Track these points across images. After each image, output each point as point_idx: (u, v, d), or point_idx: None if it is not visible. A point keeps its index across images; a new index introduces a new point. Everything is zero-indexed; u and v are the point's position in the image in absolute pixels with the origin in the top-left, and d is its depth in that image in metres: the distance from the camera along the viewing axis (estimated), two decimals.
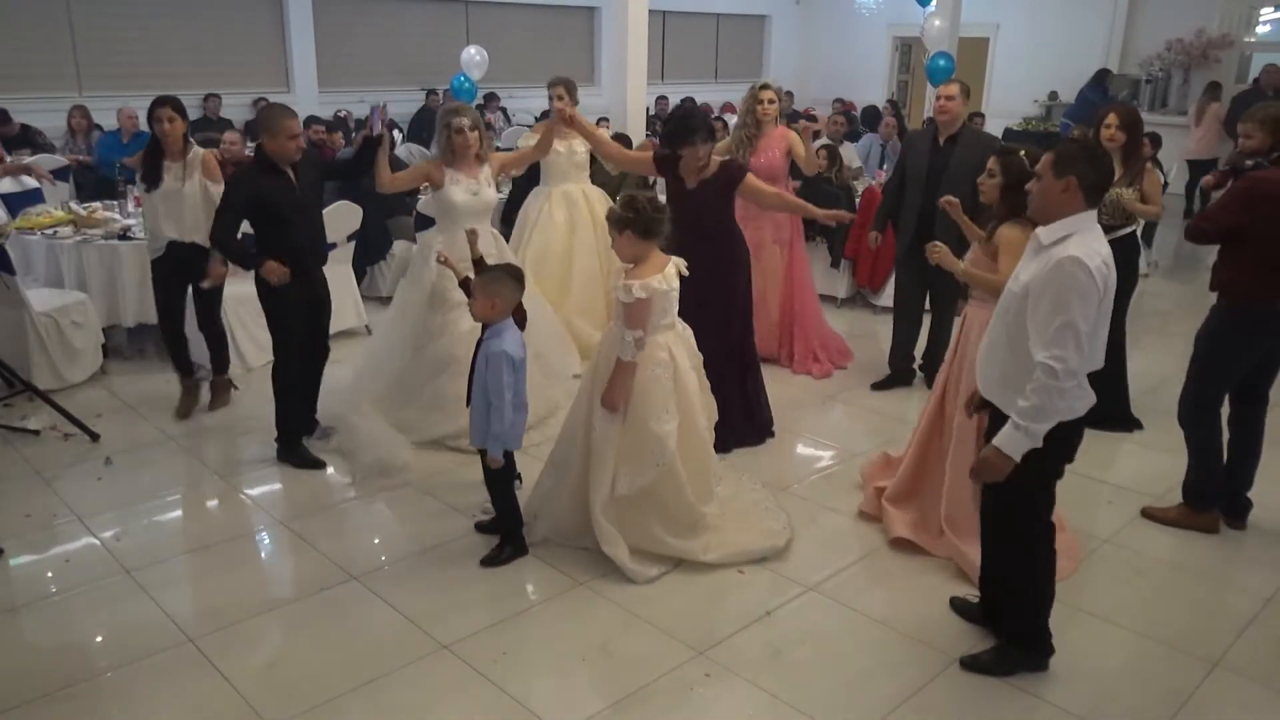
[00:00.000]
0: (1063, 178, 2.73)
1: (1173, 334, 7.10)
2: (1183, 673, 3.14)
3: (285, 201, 4.27)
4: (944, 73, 9.48)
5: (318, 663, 3.14)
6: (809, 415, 5.23)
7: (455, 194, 4.68)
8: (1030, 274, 2.75)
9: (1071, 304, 2.62)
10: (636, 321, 3.45)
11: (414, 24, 12.56)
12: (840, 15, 15.80)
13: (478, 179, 4.73)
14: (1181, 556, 3.89)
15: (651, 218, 3.48)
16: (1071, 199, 2.74)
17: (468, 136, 4.66)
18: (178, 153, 4.84)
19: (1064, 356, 2.63)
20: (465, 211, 4.69)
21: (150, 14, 10.48)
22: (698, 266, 4.43)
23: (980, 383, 3.00)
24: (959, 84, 5.18)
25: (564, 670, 3.13)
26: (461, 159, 4.70)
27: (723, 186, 4.52)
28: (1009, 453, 2.73)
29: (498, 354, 3.45)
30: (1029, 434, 2.70)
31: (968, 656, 3.15)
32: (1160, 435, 4.93)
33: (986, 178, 3.71)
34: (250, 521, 4.11)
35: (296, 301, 4.37)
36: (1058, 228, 2.73)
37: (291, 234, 4.30)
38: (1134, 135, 4.64)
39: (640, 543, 3.66)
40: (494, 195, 4.87)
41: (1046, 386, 2.65)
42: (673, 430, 3.56)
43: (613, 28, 8.46)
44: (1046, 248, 2.74)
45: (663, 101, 12.99)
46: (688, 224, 4.45)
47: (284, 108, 4.33)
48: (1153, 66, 12.64)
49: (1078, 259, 2.63)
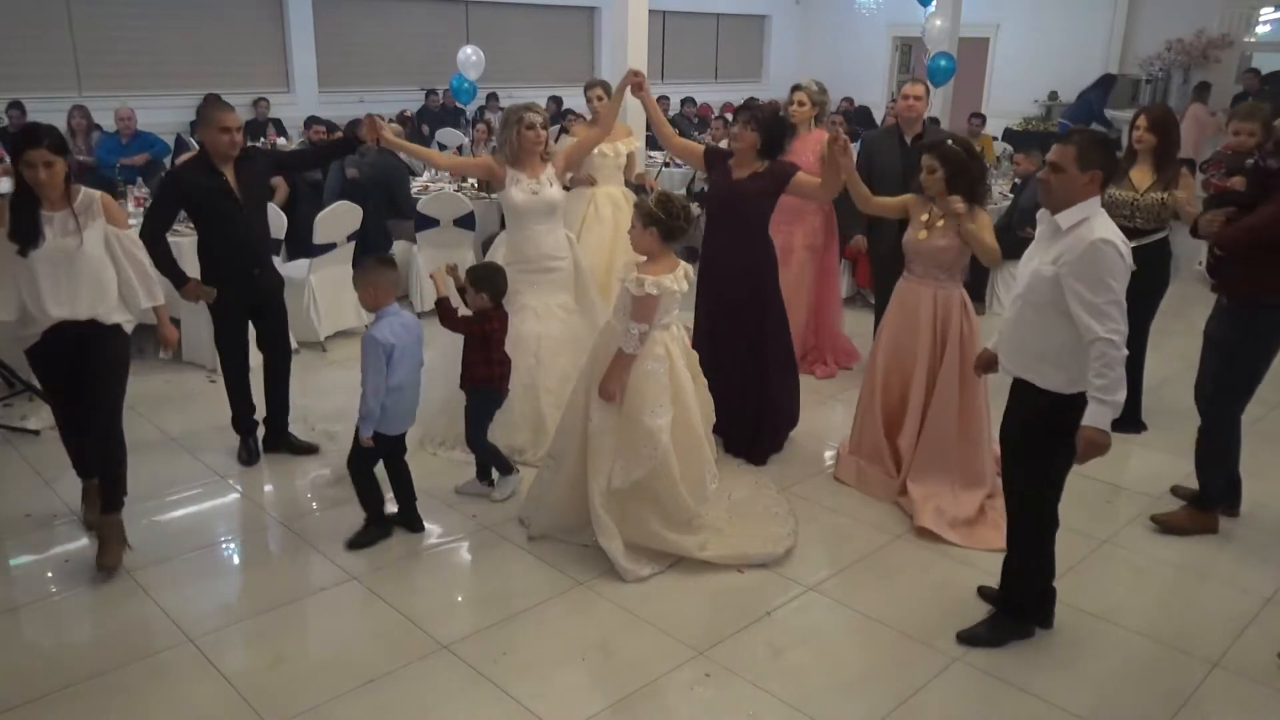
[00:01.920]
0: (1088, 171, 2.88)
1: (1173, 333, 7.10)
2: (1183, 673, 3.15)
3: (217, 201, 4.15)
4: (945, 73, 9.49)
5: (318, 663, 3.14)
6: (809, 415, 5.22)
7: (515, 194, 4.54)
8: (1055, 256, 2.88)
9: (1112, 282, 2.81)
10: (643, 316, 3.50)
11: (414, 24, 12.56)
12: (840, 15, 15.79)
13: (539, 178, 4.58)
14: (1181, 556, 3.89)
15: (679, 226, 3.58)
16: (1092, 189, 2.91)
17: (539, 133, 4.53)
18: (58, 199, 3.47)
19: (1118, 329, 2.82)
20: (527, 211, 4.56)
21: (150, 14, 10.49)
22: (728, 262, 4.44)
23: (1009, 360, 3.15)
24: (924, 84, 5.36)
25: (564, 670, 3.13)
26: (528, 157, 4.57)
27: (772, 182, 4.39)
28: (1104, 426, 2.87)
29: (368, 339, 3.64)
30: (1114, 406, 2.86)
31: (964, 630, 3.25)
32: (1160, 435, 4.94)
33: (927, 175, 3.98)
34: (250, 521, 4.11)
35: (235, 303, 4.35)
36: (1074, 213, 2.89)
37: (225, 234, 4.22)
38: (1166, 137, 4.49)
39: (637, 537, 3.67)
40: (557, 194, 4.66)
41: (1114, 358, 2.82)
42: (666, 425, 3.58)
43: (613, 28, 8.46)
44: (1066, 232, 2.88)
45: (663, 101, 12.99)
46: (725, 217, 4.47)
47: (218, 99, 4.31)
48: (1153, 67, 12.64)
49: (1110, 240, 2.81)
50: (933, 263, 4.10)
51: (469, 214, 6.90)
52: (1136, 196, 4.51)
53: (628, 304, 3.54)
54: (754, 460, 4.60)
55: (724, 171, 4.49)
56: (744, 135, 4.34)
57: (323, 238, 6.03)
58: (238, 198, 4.19)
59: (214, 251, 4.28)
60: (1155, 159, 4.51)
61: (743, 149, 4.38)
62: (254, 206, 4.34)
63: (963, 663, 3.17)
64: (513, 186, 4.56)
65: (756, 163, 4.38)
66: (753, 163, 4.39)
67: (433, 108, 11.91)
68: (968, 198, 3.95)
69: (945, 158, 3.93)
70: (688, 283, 3.65)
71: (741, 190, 4.40)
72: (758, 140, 4.32)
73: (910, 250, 4.15)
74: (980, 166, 4.05)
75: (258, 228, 4.39)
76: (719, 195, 4.50)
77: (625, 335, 3.51)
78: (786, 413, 4.78)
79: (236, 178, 4.19)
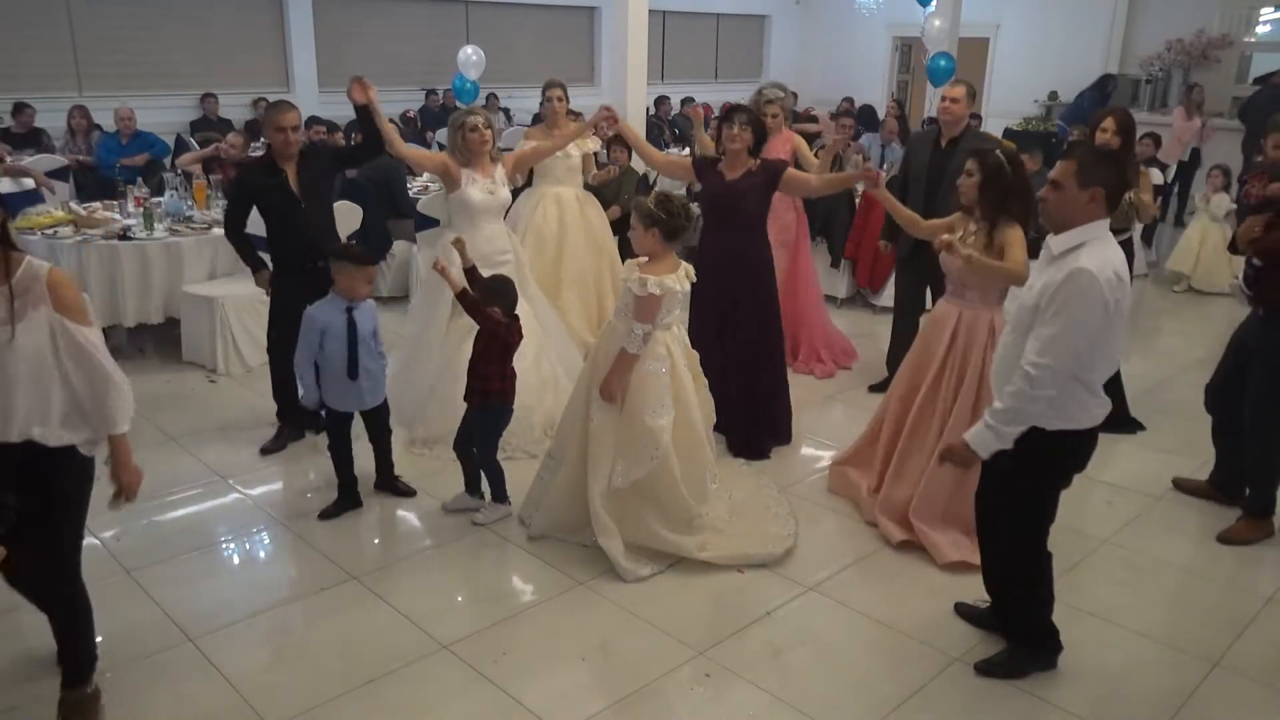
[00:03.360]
0: (1088, 188, 2.69)
1: (1169, 334, 7.12)
2: (1183, 673, 3.15)
3: (277, 199, 4.43)
4: (945, 73, 9.47)
5: (318, 663, 3.14)
6: (810, 415, 5.23)
7: (473, 194, 4.71)
8: (1041, 285, 2.73)
9: (1073, 316, 2.62)
10: (646, 315, 3.51)
11: (414, 24, 12.55)
12: (840, 15, 15.78)
13: (493, 178, 4.77)
14: (1182, 556, 3.89)
15: (680, 224, 3.59)
16: (1095, 209, 2.71)
17: (482, 134, 4.67)
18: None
19: (1046, 365, 2.65)
20: (483, 210, 4.74)
21: (150, 14, 10.47)
22: (728, 261, 4.49)
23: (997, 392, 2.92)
24: (965, 85, 5.10)
25: (564, 670, 3.13)
26: (477, 158, 4.72)
27: (765, 178, 4.53)
28: (975, 448, 2.79)
29: (306, 313, 3.95)
30: (998, 435, 2.75)
31: (982, 662, 3.14)
32: (1158, 436, 4.94)
33: (965, 178, 3.75)
34: (250, 521, 4.11)
35: (294, 294, 4.39)
36: (1070, 237, 2.71)
37: (287, 230, 4.47)
38: (1128, 139, 4.66)
39: (636, 537, 3.67)
40: (507, 195, 4.89)
41: (1020, 391, 2.68)
42: (667, 424, 3.59)
43: (613, 28, 8.47)
44: (1058, 258, 2.72)
45: (663, 102, 12.98)
46: (720, 219, 4.55)
47: (282, 101, 4.51)
48: (1153, 67, 12.63)
49: (1089, 271, 2.61)
50: (958, 281, 3.83)
51: None
52: None
53: (630, 304, 3.55)
54: (754, 456, 4.63)
55: (716, 175, 4.59)
56: (741, 136, 4.47)
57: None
58: (297, 195, 4.44)
59: (279, 245, 4.55)
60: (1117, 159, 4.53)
61: (738, 149, 4.49)
62: (315, 202, 4.55)
63: (963, 663, 3.17)
64: (469, 186, 4.71)
65: (749, 161, 4.52)
66: (745, 162, 4.52)
67: (433, 108, 11.90)
68: (995, 209, 3.66)
69: (984, 163, 3.69)
70: (690, 282, 3.66)
71: (739, 189, 4.52)
72: (751, 140, 4.49)
73: (944, 268, 3.89)
74: (1019, 181, 3.65)
75: (319, 222, 4.57)
76: (716, 197, 4.57)
77: (628, 335, 3.52)
78: (784, 407, 4.87)
79: (298, 175, 4.44)
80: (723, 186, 4.55)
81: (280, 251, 4.56)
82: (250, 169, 4.63)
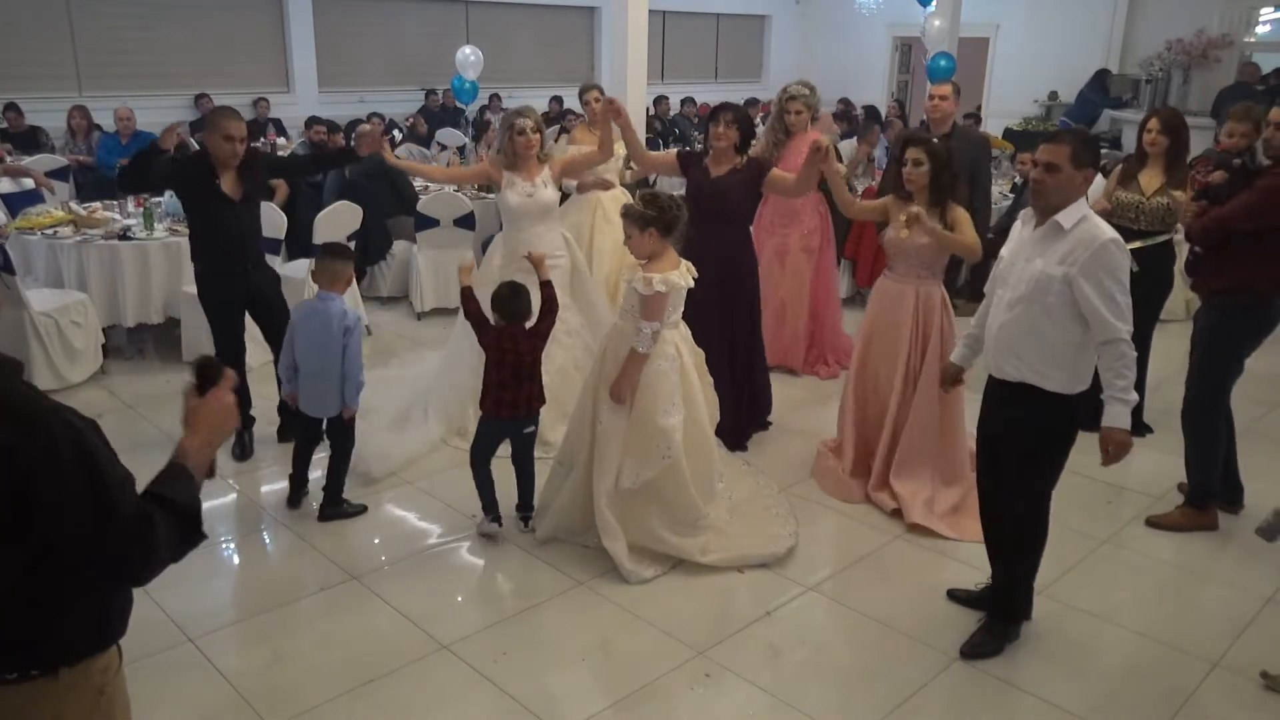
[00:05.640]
0: (1083, 170, 2.91)
1: (1169, 334, 7.10)
2: (1183, 673, 3.15)
3: (208, 199, 4.29)
4: (945, 73, 9.46)
5: (318, 663, 3.14)
6: (810, 414, 5.23)
7: (510, 197, 4.71)
8: (1063, 256, 2.87)
9: (1121, 282, 2.85)
10: (654, 313, 3.51)
11: (413, 24, 12.54)
12: (840, 15, 15.77)
13: (534, 181, 4.72)
14: (1181, 556, 3.89)
15: (675, 215, 3.58)
16: (1085, 188, 2.94)
17: (530, 138, 4.67)
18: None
19: (1129, 329, 2.86)
20: (523, 213, 4.73)
21: (150, 14, 10.47)
22: (710, 256, 4.48)
23: (1009, 365, 3.04)
24: (952, 84, 5.31)
25: (564, 670, 3.13)
26: (523, 161, 4.72)
27: (750, 176, 4.57)
28: (1126, 427, 2.90)
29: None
30: (1129, 406, 2.89)
31: (965, 645, 3.21)
32: (1159, 435, 4.93)
33: (913, 168, 3.95)
34: (250, 521, 4.11)
35: (227, 299, 4.45)
36: (1073, 211, 2.90)
37: (214, 229, 4.37)
38: (1178, 139, 4.45)
39: (640, 539, 3.67)
40: (552, 195, 4.81)
41: (1132, 359, 2.86)
42: (678, 424, 3.59)
43: (613, 28, 8.46)
44: (1069, 231, 2.88)
45: (663, 102, 12.98)
46: (708, 214, 4.53)
47: (228, 108, 4.39)
48: (1153, 66, 12.62)
49: (1118, 240, 2.85)
50: (915, 260, 4.09)
51: (469, 214, 6.90)
52: (1142, 200, 4.50)
53: (636, 304, 3.54)
54: (735, 446, 4.69)
55: (702, 171, 4.63)
56: (728, 134, 4.52)
57: (322, 238, 6.01)
58: (230, 199, 4.32)
59: (204, 244, 4.44)
60: (1166, 161, 4.48)
61: (724, 147, 4.54)
62: (246, 206, 4.44)
63: (962, 662, 3.17)
64: (508, 190, 4.72)
65: (735, 159, 4.55)
66: (732, 159, 4.56)
67: (433, 108, 11.90)
68: (944, 193, 3.96)
69: (932, 154, 3.92)
70: (693, 278, 3.64)
71: (724, 185, 4.55)
72: (738, 137, 4.53)
73: (892, 249, 4.16)
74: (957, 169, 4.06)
75: (249, 226, 4.49)
76: (701, 193, 4.56)
77: (638, 335, 3.51)
78: (766, 399, 4.99)
79: (233, 181, 4.32)
80: (709, 183, 4.58)
81: (207, 251, 4.44)
82: (188, 161, 4.50)
